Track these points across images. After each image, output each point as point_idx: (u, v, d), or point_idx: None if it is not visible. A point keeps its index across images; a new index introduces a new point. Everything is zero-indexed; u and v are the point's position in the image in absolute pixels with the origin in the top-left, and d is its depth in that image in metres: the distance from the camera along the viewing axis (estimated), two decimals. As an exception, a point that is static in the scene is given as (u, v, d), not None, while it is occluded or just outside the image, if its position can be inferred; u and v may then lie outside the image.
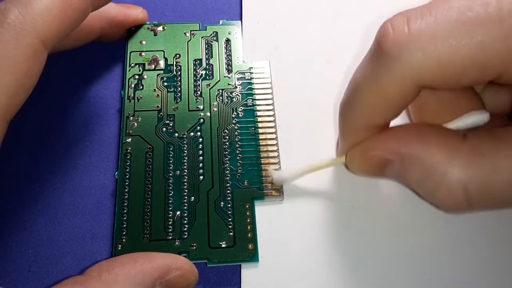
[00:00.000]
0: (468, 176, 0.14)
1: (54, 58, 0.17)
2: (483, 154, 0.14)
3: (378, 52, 0.14)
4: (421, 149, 0.14)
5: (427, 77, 0.13)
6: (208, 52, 0.21)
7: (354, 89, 0.15)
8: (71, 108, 0.21)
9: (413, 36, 0.13)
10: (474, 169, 0.14)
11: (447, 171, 0.14)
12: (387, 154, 0.15)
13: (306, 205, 0.18)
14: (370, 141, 0.16)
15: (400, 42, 0.13)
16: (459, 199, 0.14)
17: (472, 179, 0.14)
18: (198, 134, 0.19)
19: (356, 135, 0.16)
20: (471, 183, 0.14)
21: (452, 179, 0.14)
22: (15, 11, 0.14)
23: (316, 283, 0.17)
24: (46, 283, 0.17)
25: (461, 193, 0.14)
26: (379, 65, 0.14)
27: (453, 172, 0.14)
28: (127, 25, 0.22)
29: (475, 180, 0.14)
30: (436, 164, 0.14)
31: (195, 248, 0.17)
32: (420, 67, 0.13)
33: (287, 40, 0.22)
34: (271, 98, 0.20)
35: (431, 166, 0.14)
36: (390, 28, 0.13)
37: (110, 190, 0.19)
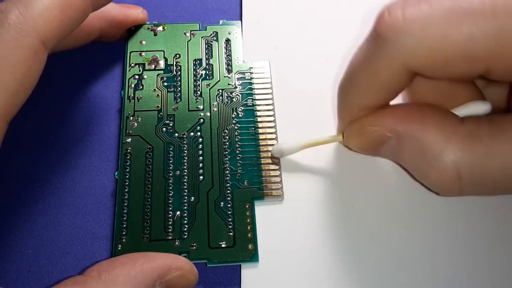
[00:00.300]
0: (462, 158, 0.14)
1: (54, 58, 0.17)
2: (479, 138, 0.14)
3: (374, 36, 0.14)
4: (418, 128, 0.15)
5: (417, 63, 0.14)
6: (208, 52, 0.21)
7: (351, 71, 0.16)
8: (71, 108, 0.21)
9: (407, 22, 0.13)
10: (469, 152, 0.14)
11: (442, 152, 0.14)
12: (384, 131, 0.16)
13: (306, 205, 0.18)
14: (368, 117, 0.16)
15: (394, 27, 0.13)
16: (451, 181, 0.14)
17: (466, 162, 0.14)
18: (198, 134, 0.19)
19: (352, 114, 0.16)
20: (465, 166, 0.14)
21: (446, 160, 0.14)
22: (15, 11, 0.14)
23: (316, 283, 0.17)
24: (46, 283, 0.17)
25: (453, 175, 0.14)
26: (374, 48, 0.14)
27: (448, 153, 0.14)
28: (127, 25, 0.22)
29: (469, 163, 0.14)
30: (432, 144, 0.14)
31: (195, 248, 0.17)
32: (410, 52, 0.13)
33: (287, 40, 0.22)
34: (271, 98, 0.20)
35: (426, 146, 0.14)
36: (387, 13, 0.14)
37: (110, 190, 0.19)
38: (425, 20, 0.13)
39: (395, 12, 0.14)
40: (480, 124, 0.14)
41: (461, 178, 0.14)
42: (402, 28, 0.13)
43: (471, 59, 0.13)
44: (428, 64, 0.13)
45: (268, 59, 0.21)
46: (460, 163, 0.14)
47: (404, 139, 0.15)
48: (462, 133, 0.14)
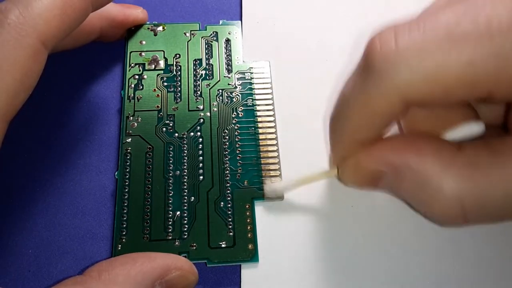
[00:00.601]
0: (464, 189, 0.13)
1: (54, 58, 0.17)
2: (479, 166, 0.13)
3: (366, 67, 0.13)
4: (415, 160, 0.14)
5: (414, 94, 0.13)
6: (208, 52, 0.21)
7: (343, 103, 0.15)
8: (71, 108, 0.21)
9: (401, 52, 0.13)
10: (470, 182, 0.13)
11: (442, 184, 0.13)
12: (380, 166, 0.15)
13: (306, 205, 0.18)
14: (362, 153, 0.15)
15: (387, 58, 0.13)
16: (454, 212, 0.14)
17: (468, 193, 0.13)
18: (198, 134, 0.19)
19: (346, 148, 0.16)
20: (467, 196, 0.13)
21: (447, 192, 0.13)
22: (15, 11, 0.14)
23: (316, 283, 0.17)
24: (46, 283, 0.17)
25: (456, 206, 0.13)
26: (367, 80, 0.13)
27: (448, 184, 0.13)
28: (127, 25, 0.22)
29: (471, 193, 0.13)
30: (431, 176, 0.14)
31: (195, 248, 0.17)
32: (406, 83, 0.13)
33: (287, 40, 0.22)
34: (271, 98, 0.20)
35: (425, 178, 0.14)
36: (378, 42, 0.13)
37: (110, 190, 0.19)
38: (419, 48, 0.12)
39: (387, 42, 0.13)
40: (478, 151, 0.14)
41: (464, 209, 0.13)
42: (395, 59, 0.13)
43: (472, 86, 0.12)
44: (426, 95, 0.13)
45: (268, 59, 0.21)
46: (462, 193, 0.13)
47: (402, 172, 0.14)
48: (460, 161, 0.14)
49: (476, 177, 0.13)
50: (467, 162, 0.13)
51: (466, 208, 0.13)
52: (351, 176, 0.16)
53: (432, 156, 0.14)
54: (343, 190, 0.19)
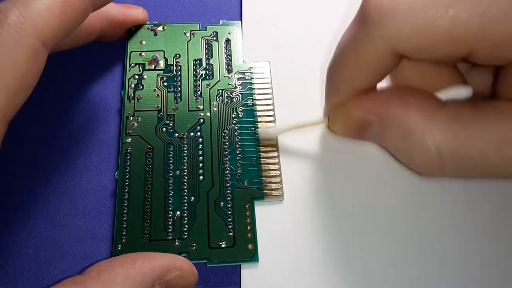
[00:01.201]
0: (444, 140, 0.14)
1: (54, 58, 0.17)
2: (461, 121, 0.14)
3: (360, 17, 0.14)
4: (401, 111, 0.15)
5: (402, 45, 0.14)
6: (208, 52, 0.21)
7: (339, 53, 0.16)
8: (71, 108, 0.21)
9: (393, 4, 0.14)
10: (450, 134, 0.14)
11: (424, 134, 0.14)
12: (367, 115, 0.16)
13: (306, 205, 0.18)
14: (352, 101, 0.16)
15: (380, 8, 0.14)
16: (432, 162, 0.14)
17: (447, 144, 0.14)
18: (198, 134, 0.19)
19: (339, 97, 0.17)
20: (446, 147, 0.14)
21: (427, 142, 0.14)
22: (15, 11, 0.14)
23: (316, 283, 0.17)
24: (46, 283, 0.17)
25: (435, 156, 0.14)
26: (360, 30, 0.14)
27: (429, 136, 0.14)
28: (127, 25, 0.22)
29: (450, 145, 0.14)
30: (414, 127, 0.15)
31: (195, 248, 0.17)
32: (396, 34, 0.14)
33: (287, 40, 0.22)
34: (271, 98, 0.20)
35: (409, 128, 0.15)
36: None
37: (110, 190, 0.19)
38: (411, 2, 0.13)
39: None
40: (462, 108, 0.15)
41: (442, 159, 0.14)
42: (388, 10, 0.14)
43: (456, 42, 0.13)
44: (413, 46, 0.14)
45: (268, 59, 0.21)
46: (441, 144, 0.14)
47: (387, 122, 0.15)
48: (444, 115, 0.14)
49: (456, 131, 0.14)
50: (450, 116, 0.14)
51: (444, 160, 0.14)
52: (341, 124, 0.17)
53: (417, 109, 0.15)
54: (343, 190, 0.19)
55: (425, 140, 0.14)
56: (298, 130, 0.19)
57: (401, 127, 0.15)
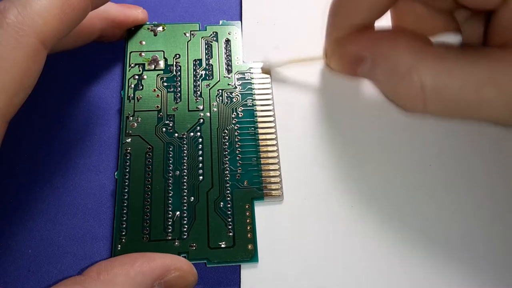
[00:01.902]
0: (427, 76, 0.15)
1: (54, 58, 0.17)
2: (445, 59, 0.15)
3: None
4: (390, 47, 0.16)
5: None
6: (208, 52, 0.21)
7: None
8: (71, 108, 0.21)
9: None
10: (433, 71, 0.15)
11: (410, 69, 0.15)
12: (361, 50, 0.17)
13: (306, 205, 0.18)
14: (348, 38, 0.17)
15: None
16: (415, 96, 0.15)
17: (430, 80, 0.15)
18: (198, 134, 0.19)
19: (338, 32, 0.18)
20: (428, 83, 0.15)
21: (412, 77, 0.15)
22: (14, 11, 0.14)
23: (316, 283, 0.17)
24: (45, 283, 0.17)
25: (418, 91, 0.15)
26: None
27: (415, 70, 0.15)
28: (127, 26, 0.22)
29: (432, 81, 0.15)
30: (401, 62, 0.16)
31: (194, 249, 0.17)
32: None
33: (287, 40, 0.22)
34: (271, 99, 0.20)
35: (396, 64, 0.16)
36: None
37: (109, 190, 0.19)
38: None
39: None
40: (448, 48, 0.16)
41: (425, 94, 0.15)
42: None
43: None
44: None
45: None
46: (425, 80, 0.15)
47: (378, 58, 0.16)
48: (430, 53, 0.15)
49: (439, 68, 0.15)
50: (436, 54, 0.15)
51: (426, 95, 0.15)
52: (337, 59, 0.18)
53: (406, 46, 0.16)
54: (343, 189, 0.19)
55: (410, 75, 0.15)
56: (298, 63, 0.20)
57: (389, 62, 0.16)
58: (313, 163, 0.19)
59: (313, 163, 0.19)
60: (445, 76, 0.15)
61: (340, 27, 0.18)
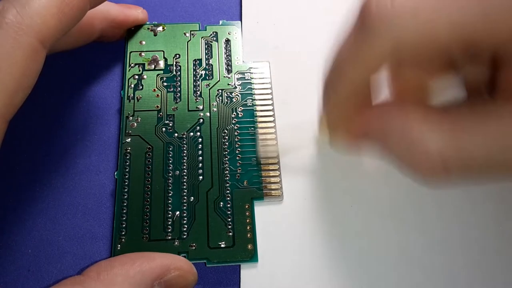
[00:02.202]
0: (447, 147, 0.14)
1: (54, 58, 0.17)
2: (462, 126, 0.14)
3: (362, 25, 0.14)
4: (402, 122, 0.15)
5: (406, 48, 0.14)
6: (208, 52, 0.21)
7: (338, 63, 0.16)
8: (71, 108, 0.21)
9: (395, 10, 0.13)
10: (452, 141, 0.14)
11: (428, 142, 0.14)
12: (368, 130, 0.16)
13: (306, 205, 0.18)
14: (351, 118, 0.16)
15: (383, 15, 0.13)
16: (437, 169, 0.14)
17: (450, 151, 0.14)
18: (197, 134, 0.19)
19: (339, 110, 0.16)
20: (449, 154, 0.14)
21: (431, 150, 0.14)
22: (13, 11, 0.14)
23: (315, 283, 0.17)
24: (45, 283, 0.17)
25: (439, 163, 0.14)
26: (362, 39, 0.14)
27: (433, 142, 0.14)
28: (127, 26, 0.22)
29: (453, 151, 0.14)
30: (417, 136, 0.15)
31: (194, 248, 0.17)
32: (400, 38, 0.13)
33: (287, 40, 0.22)
34: (271, 98, 0.20)
35: (411, 138, 0.15)
36: (374, 3, 0.14)
37: (109, 190, 0.19)
38: (413, 6, 0.13)
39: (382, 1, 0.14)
40: (462, 113, 0.15)
41: (447, 165, 0.14)
42: (391, 16, 0.13)
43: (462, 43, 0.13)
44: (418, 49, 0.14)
45: (268, 59, 0.21)
46: (445, 151, 0.14)
47: (388, 134, 0.15)
48: (445, 122, 0.14)
49: (458, 137, 0.14)
50: (451, 122, 0.14)
51: (448, 165, 0.14)
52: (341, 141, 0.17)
53: (418, 118, 0.15)
54: (342, 190, 0.19)
55: (428, 148, 0.14)
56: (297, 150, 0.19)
57: (403, 137, 0.15)
58: (313, 163, 0.19)
59: (313, 163, 0.19)
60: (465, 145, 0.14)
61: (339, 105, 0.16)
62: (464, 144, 0.14)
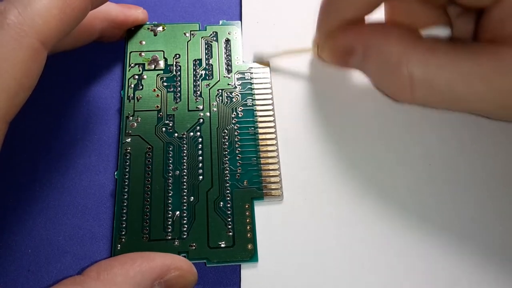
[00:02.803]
0: (416, 68, 0.16)
1: (54, 58, 0.17)
2: (435, 52, 0.16)
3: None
4: (382, 40, 0.17)
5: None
6: (208, 52, 0.22)
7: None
8: (71, 108, 0.21)
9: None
10: (423, 63, 0.16)
11: (400, 61, 0.16)
12: (352, 42, 0.17)
13: (306, 205, 0.18)
14: (339, 30, 0.18)
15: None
16: (404, 87, 0.16)
17: (419, 71, 0.16)
18: (197, 134, 0.19)
19: (329, 26, 0.18)
20: (417, 74, 0.16)
21: (402, 68, 0.16)
22: (14, 12, 0.14)
23: (316, 283, 0.17)
24: (45, 283, 0.17)
25: (407, 82, 0.16)
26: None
27: (405, 62, 0.16)
28: (128, 26, 0.22)
29: (421, 72, 0.16)
30: (392, 54, 0.16)
31: (194, 248, 0.17)
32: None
33: (287, 40, 0.22)
34: (270, 98, 0.20)
35: (387, 56, 0.16)
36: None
37: (109, 190, 0.19)
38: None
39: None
40: (438, 42, 0.16)
41: (414, 85, 0.16)
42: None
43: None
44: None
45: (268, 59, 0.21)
46: (413, 71, 0.16)
47: (369, 50, 0.17)
48: (420, 46, 0.16)
49: (428, 60, 0.16)
50: (426, 47, 0.16)
51: (415, 86, 0.16)
52: (328, 51, 0.19)
53: (397, 39, 0.16)
54: (343, 189, 0.19)
55: (400, 67, 0.16)
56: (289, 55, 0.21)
57: (381, 54, 0.16)
58: (313, 162, 0.19)
59: (313, 163, 0.19)
60: (434, 68, 0.15)
61: (331, 20, 0.18)
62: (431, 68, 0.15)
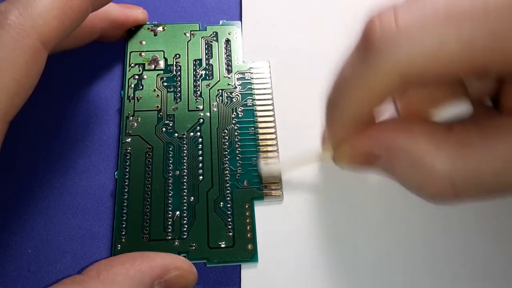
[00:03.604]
0: (455, 167, 0.14)
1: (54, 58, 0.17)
2: (469, 145, 0.14)
3: (365, 47, 0.14)
4: (408, 141, 0.15)
5: (414, 70, 0.13)
6: (208, 52, 0.22)
7: (340, 84, 0.15)
8: (71, 108, 0.21)
9: (401, 30, 0.13)
10: (461, 160, 0.14)
11: (434, 163, 0.14)
12: (374, 148, 0.15)
13: (306, 205, 0.18)
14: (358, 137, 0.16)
15: (388, 36, 0.13)
16: (446, 189, 0.14)
17: (459, 171, 0.14)
18: (197, 134, 0.19)
19: (343, 129, 0.16)
20: (458, 173, 0.14)
21: (439, 171, 0.14)
22: (15, 12, 0.14)
23: (315, 283, 0.17)
24: (45, 283, 0.17)
25: (448, 183, 0.14)
26: (366, 60, 0.14)
27: (440, 163, 0.14)
28: (128, 26, 0.22)
29: (462, 171, 0.14)
30: (423, 156, 0.14)
31: (194, 248, 0.17)
32: (407, 60, 0.13)
33: (287, 40, 0.22)
34: (271, 98, 0.20)
35: (418, 158, 0.14)
36: (378, 22, 0.13)
37: (109, 190, 0.19)
38: (420, 26, 0.13)
39: (386, 20, 0.13)
40: (468, 131, 0.14)
41: (456, 186, 0.14)
42: (396, 37, 0.13)
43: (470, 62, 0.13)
44: (426, 71, 0.13)
45: (268, 59, 0.21)
46: (453, 171, 0.14)
47: (395, 153, 0.15)
48: (452, 141, 0.14)
49: (466, 156, 0.14)
50: (458, 141, 0.14)
51: (457, 186, 0.14)
52: (347, 160, 0.17)
53: (425, 137, 0.14)
54: (343, 190, 0.19)
55: (436, 168, 0.14)
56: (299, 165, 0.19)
57: (409, 157, 0.14)
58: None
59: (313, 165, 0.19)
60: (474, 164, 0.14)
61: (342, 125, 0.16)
62: (472, 163, 0.14)
